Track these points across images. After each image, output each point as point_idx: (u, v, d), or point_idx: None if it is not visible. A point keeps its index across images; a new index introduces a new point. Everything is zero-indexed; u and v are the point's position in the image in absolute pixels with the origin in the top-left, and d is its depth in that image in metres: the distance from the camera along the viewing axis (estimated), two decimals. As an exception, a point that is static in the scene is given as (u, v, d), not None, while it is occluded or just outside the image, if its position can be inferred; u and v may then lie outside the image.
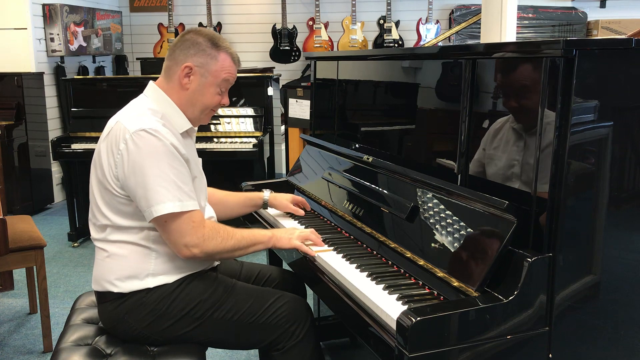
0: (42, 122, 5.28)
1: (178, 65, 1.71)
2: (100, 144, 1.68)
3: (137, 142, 1.59)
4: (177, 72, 1.71)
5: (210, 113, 1.80)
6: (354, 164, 2.10)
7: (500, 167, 1.48)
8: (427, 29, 6.41)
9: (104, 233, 1.70)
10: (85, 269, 3.84)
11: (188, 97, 1.73)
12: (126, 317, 1.68)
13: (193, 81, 1.72)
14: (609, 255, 1.41)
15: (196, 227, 1.62)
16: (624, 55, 1.35)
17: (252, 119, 4.14)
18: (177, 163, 1.62)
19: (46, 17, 5.43)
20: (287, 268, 2.12)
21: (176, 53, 1.72)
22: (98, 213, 1.70)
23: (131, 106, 1.74)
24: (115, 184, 1.63)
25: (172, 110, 1.73)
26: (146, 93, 1.77)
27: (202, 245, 1.63)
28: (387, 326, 1.35)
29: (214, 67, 1.72)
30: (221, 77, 1.74)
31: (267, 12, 6.71)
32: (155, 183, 1.58)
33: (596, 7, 6.51)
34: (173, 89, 1.73)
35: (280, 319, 1.73)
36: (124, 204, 1.65)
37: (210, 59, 1.72)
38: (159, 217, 1.59)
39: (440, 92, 1.76)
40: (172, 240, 1.62)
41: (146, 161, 1.58)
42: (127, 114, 1.69)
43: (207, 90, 1.73)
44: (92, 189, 1.71)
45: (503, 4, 3.41)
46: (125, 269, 1.67)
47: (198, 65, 1.71)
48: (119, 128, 1.63)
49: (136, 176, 1.59)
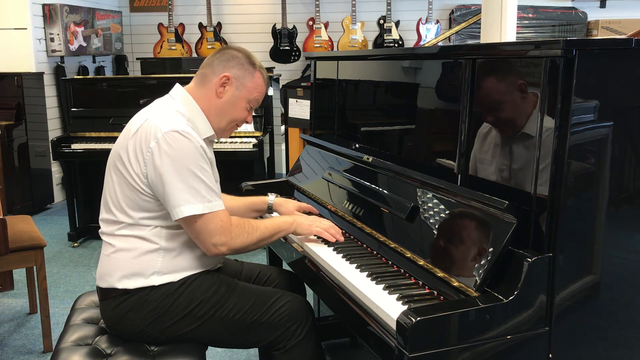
0: (42, 122, 5.28)
1: (215, 74, 1.76)
2: (128, 140, 1.68)
3: (169, 142, 1.61)
4: (213, 80, 1.76)
5: (234, 127, 1.86)
6: (354, 164, 2.10)
7: (500, 167, 1.48)
8: (427, 29, 6.41)
9: (114, 227, 1.71)
10: (85, 269, 3.84)
11: (219, 106, 1.77)
12: (129, 315, 1.69)
13: (227, 91, 1.77)
14: (609, 255, 1.41)
15: (224, 226, 1.66)
16: (624, 55, 1.35)
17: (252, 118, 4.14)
18: (206, 165, 1.66)
19: (46, 17, 5.43)
20: (287, 268, 2.12)
21: (215, 63, 1.78)
22: (116, 209, 1.70)
23: (158, 105, 1.76)
24: (142, 182, 1.64)
25: (199, 116, 1.76)
26: (173, 95, 1.79)
27: (230, 242, 1.67)
28: (387, 326, 1.35)
29: (249, 83, 1.79)
30: (253, 95, 1.81)
31: (267, 12, 6.71)
32: (184, 183, 1.60)
33: (596, 7, 6.52)
34: (205, 96, 1.77)
35: (282, 318, 1.74)
36: (147, 202, 1.67)
37: (248, 74, 1.78)
38: (188, 217, 1.61)
39: (440, 92, 1.76)
40: (200, 239, 1.66)
41: (177, 161, 1.61)
42: (156, 113, 1.70)
43: (238, 103, 1.79)
44: (113, 185, 1.71)
45: (503, 4, 3.41)
46: (131, 266, 1.68)
47: (235, 77, 1.76)
48: (149, 126, 1.65)
49: (166, 175, 1.60)
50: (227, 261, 2.01)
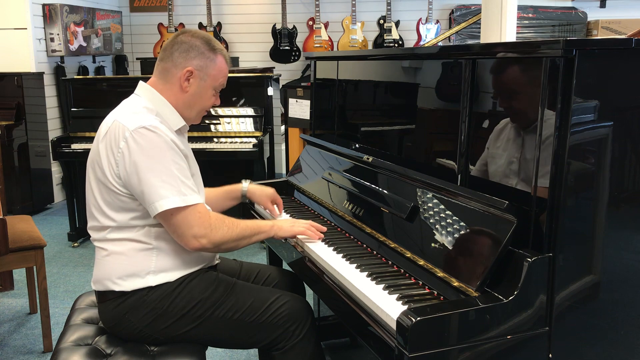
0: (42, 122, 5.28)
1: (178, 68, 1.73)
2: (99, 144, 1.68)
3: (137, 139, 1.60)
4: (177, 75, 1.73)
5: (203, 114, 1.84)
6: (354, 164, 2.10)
7: (500, 165, 1.48)
8: (427, 29, 6.41)
9: (103, 232, 1.70)
10: (85, 269, 3.84)
11: (186, 99, 1.75)
12: (127, 316, 1.68)
13: (192, 84, 1.74)
14: (609, 255, 1.41)
15: (202, 218, 1.64)
16: (624, 55, 1.35)
17: (252, 119, 4.14)
18: (178, 158, 1.64)
19: (46, 17, 5.43)
20: (287, 268, 2.12)
21: (175, 56, 1.73)
22: (99, 214, 1.70)
23: (125, 105, 1.75)
24: (117, 182, 1.64)
25: (167, 109, 1.74)
26: (138, 92, 1.78)
27: (210, 234, 1.65)
28: (387, 326, 1.35)
29: (212, 71, 1.75)
30: (219, 81, 1.78)
31: (267, 12, 6.71)
32: (158, 179, 1.59)
33: (596, 7, 6.52)
34: (170, 90, 1.75)
35: (281, 318, 1.74)
36: (126, 202, 1.66)
37: (210, 62, 1.74)
38: (164, 212, 1.60)
39: (440, 92, 1.76)
40: (179, 233, 1.63)
41: (148, 157, 1.59)
42: (123, 112, 1.69)
43: (204, 93, 1.77)
44: (92, 191, 1.71)
45: (503, 4, 3.41)
46: (126, 267, 1.67)
47: (198, 68, 1.73)
48: (117, 127, 1.64)
49: (138, 173, 1.59)
50: (225, 261, 2.01)
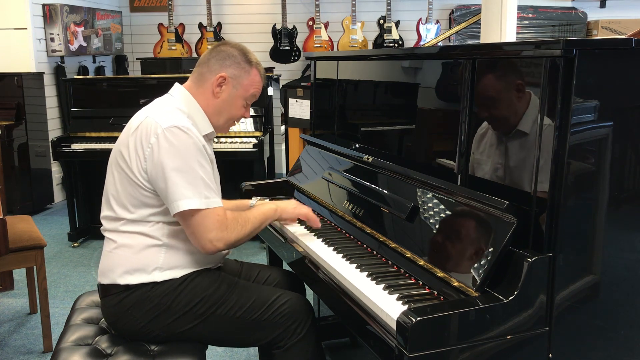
0: (42, 122, 5.28)
1: (212, 73, 1.78)
2: (128, 137, 1.70)
3: (169, 137, 1.62)
4: (211, 80, 1.78)
5: (232, 124, 1.88)
6: (354, 164, 2.10)
7: (494, 167, 1.48)
8: (427, 29, 6.41)
9: (117, 223, 1.72)
10: (85, 269, 3.84)
11: (217, 105, 1.80)
12: (130, 311, 1.69)
13: (224, 91, 1.79)
14: (609, 255, 1.41)
15: (221, 221, 1.67)
16: (624, 55, 1.35)
17: (252, 119, 4.14)
18: (205, 162, 1.68)
19: (46, 17, 5.43)
20: (287, 268, 2.12)
21: (211, 62, 1.79)
22: (117, 205, 1.71)
23: (159, 103, 1.78)
24: (143, 177, 1.66)
25: (199, 113, 1.78)
26: (172, 93, 1.81)
27: (226, 237, 1.68)
28: (387, 326, 1.35)
29: (245, 81, 1.80)
30: (250, 92, 1.83)
31: (267, 12, 6.71)
32: (183, 178, 1.62)
33: (596, 7, 6.52)
34: (203, 95, 1.79)
35: (282, 316, 1.74)
36: (148, 197, 1.68)
37: (244, 72, 1.80)
38: (184, 212, 1.62)
39: (440, 92, 1.76)
40: (196, 234, 1.65)
41: (177, 156, 1.62)
42: (156, 110, 1.72)
43: (235, 102, 1.81)
44: (114, 181, 1.72)
45: (503, 4, 3.41)
46: (133, 262, 1.69)
47: (232, 76, 1.78)
48: (149, 122, 1.66)
49: (165, 170, 1.62)
50: (226, 261, 2.01)
